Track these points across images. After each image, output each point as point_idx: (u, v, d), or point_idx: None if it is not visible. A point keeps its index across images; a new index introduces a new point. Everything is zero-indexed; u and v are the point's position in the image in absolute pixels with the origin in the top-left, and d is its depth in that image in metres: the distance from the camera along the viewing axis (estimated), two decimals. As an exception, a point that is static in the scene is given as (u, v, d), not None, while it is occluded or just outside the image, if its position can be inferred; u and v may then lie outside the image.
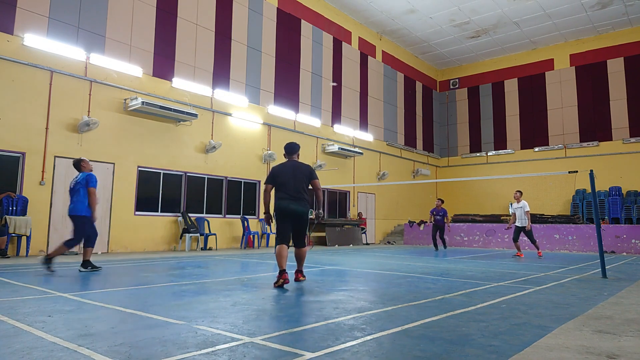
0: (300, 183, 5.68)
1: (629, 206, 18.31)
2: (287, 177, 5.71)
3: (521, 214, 11.44)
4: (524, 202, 11.49)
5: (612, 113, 20.19)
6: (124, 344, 2.80)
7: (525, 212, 11.35)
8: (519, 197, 11.59)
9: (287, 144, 6.06)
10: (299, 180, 5.68)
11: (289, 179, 5.68)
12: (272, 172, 5.86)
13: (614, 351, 2.81)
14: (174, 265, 8.07)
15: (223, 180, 14.10)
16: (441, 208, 14.50)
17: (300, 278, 5.90)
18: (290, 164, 5.86)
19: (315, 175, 5.85)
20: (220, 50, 14.17)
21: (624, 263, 10.31)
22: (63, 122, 10.49)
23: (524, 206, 11.42)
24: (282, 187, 5.70)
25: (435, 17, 19.12)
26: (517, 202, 11.59)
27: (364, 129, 19.89)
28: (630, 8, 18.23)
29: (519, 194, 11.63)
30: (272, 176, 5.83)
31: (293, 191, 5.63)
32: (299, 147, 6.07)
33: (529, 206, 11.58)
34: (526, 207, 11.40)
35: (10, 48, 9.79)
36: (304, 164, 5.90)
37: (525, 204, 11.45)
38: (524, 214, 11.37)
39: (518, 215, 11.53)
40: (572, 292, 5.41)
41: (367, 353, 2.68)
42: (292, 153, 5.98)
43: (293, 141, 6.14)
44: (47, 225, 10.12)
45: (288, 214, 5.65)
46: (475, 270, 7.87)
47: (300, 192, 5.67)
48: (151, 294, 4.78)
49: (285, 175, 5.73)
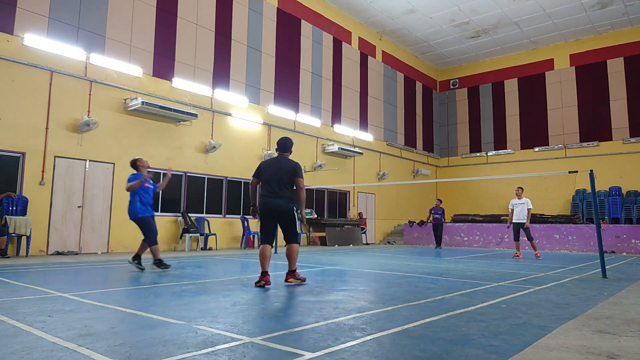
0: (282, 180, 5.53)
1: (629, 206, 18.30)
2: (271, 173, 5.58)
3: (522, 210, 11.27)
4: (527, 199, 11.32)
5: (612, 113, 20.18)
6: (124, 344, 2.80)
7: (527, 210, 11.22)
8: (520, 193, 11.43)
9: (280, 140, 5.85)
10: (281, 178, 5.53)
11: (272, 176, 5.55)
12: (259, 167, 5.76)
13: (614, 351, 2.81)
14: (174, 265, 8.07)
15: (223, 180, 14.10)
16: (439, 207, 15.20)
17: (290, 280, 5.59)
18: (277, 160, 5.72)
19: (300, 174, 5.62)
20: (220, 50, 14.17)
21: (624, 263, 10.30)
22: (63, 122, 10.49)
23: (527, 203, 11.25)
24: (265, 183, 5.60)
25: (435, 17, 19.12)
26: (518, 198, 11.43)
27: (364, 129, 19.89)
28: (630, 8, 18.23)
29: (520, 190, 11.49)
30: (258, 170, 5.75)
31: (274, 188, 5.51)
32: (291, 144, 5.87)
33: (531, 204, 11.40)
34: (529, 204, 11.24)
35: (10, 48, 9.79)
36: (291, 162, 5.72)
37: (528, 201, 11.29)
38: (525, 211, 11.23)
39: (518, 211, 11.32)
40: (572, 292, 5.41)
41: (367, 353, 2.68)
42: (284, 150, 5.82)
43: (287, 137, 5.94)
44: (47, 225, 10.12)
45: (269, 211, 5.56)
46: (475, 270, 7.87)
47: (282, 189, 5.51)
48: (151, 294, 4.78)
49: (270, 171, 5.61)
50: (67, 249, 10.34)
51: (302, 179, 5.67)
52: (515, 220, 11.37)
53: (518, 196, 11.47)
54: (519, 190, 11.54)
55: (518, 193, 11.50)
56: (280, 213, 5.56)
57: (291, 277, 5.58)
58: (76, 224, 10.61)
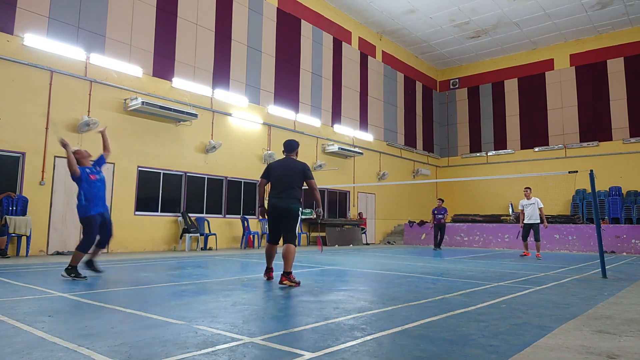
0: (291, 181, 5.65)
1: (629, 206, 18.30)
2: (280, 174, 5.70)
3: (533, 210, 11.19)
4: (537, 199, 11.26)
5: (612, 113, 20.18)
6: (124, 344, 2.80)
7: (539, 209, 11.15)
8: (529, 193, 11.36)
9: (286, 141, 6.05)
10: (290, 179, 5.65)
11: (282, 177, 5.67)
12: (268, 168, 5.89)
13: (614, 351, 2.81)
14: (174, 265, 8.07)
15: (223, 180, 14.09)
16: (442, 207, 14.87)
17: (284, 282, 5.37)
18: (286, 162, 5.84)
19: (310, 175, 5.76)
20: (220, 50, 14.17)
21: (624, 263, 10.30)
22: (63, 122, 10.49)
23: (537, 202, 11.19)
24: (275, 184, 5.72)
25: (435, 17, 19.12)
26: (527, 198, 11.37)
27: (364, 129, 19.89)
28: (630, 8, 18.23)
29: (529, 190, 11.41)
30: (267, 171, 5.86)
31: (283, 188, 5.62)
32: (297, 145, 6.02)
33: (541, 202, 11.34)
34: (539, 203, 11.19)
35: (10, 48, 9.79)
36: (300, 163, 5.84)
37: (538, 201, 11.24)
38: (537, 211, 11.15)
39: (528, 212, 11.25)
40: (572, 292, 5.41)
41: (367, 353, 2.68)
42: (291, 151, 5.94)
43: (293, 139, 6.11)
44: (47, 225, 10.12)
45: (275, 210, 5.66)
46: (475, 270, 7.87)
47: (291, 190, 5.63)
48: (151, 294, 4.78)
49: (279, 172, 5.73)
50: (67, 249, 10.34)
51: (314, 180, 5.83)
52: (527, 221, 11.29)
53: (527, 196, 11.39)
54: (527, 190, 11.43)
55: (527, 193, 11.41)
56: (286, 212, 5.64)
57: (286, 279, 5.43)
58: (76, 224, 10.57)
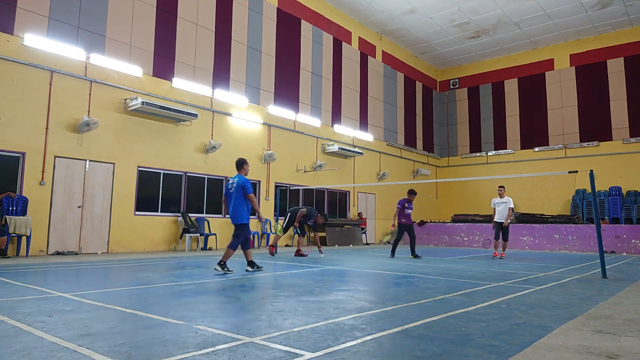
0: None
1: (629, 206, 18.30)
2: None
3: (504, 209, 11.36)
4: (509, 198, 11.44)
5: (612, 113, 20.18)
6: (124, 344, 2.80)
7: (509, 208, 11.31)
8: (502, 192, 11.54)
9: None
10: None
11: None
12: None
13: (614, 351, 2.81)
14: (174, 265, 8.07)
15: (223, 180, 14.09)
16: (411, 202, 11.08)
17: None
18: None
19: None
20: (220, 50, 14.17)
21: (624, 263, 10.30)
22: (63, 122, 10.49)
23: (509, 202, 11.37)
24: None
25: (435, 17, 19.12)
26: (500, 197, 11.53)
27: (364, 129, 19.89)
28: (630, 8, 18.23)
29: (502, 189, 11.58)
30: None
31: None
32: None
33: (513, 202, 11.54)
34: (510, 203, 11.38)
35: (10, 48, 9.79)
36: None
37: (510, 200, 11.42)
38: (506, 210, 11.30)
39: (500, 210, 11.43)
40: (572, 292, 5.41)
41: (367, 353, 2.68)
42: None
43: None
44: (47, 225, 10.11)
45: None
46: (475, 270, 7.87)
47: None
48: (151, 294, 4.78)
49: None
50: (67, 249, 10.34)
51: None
52: (497, 220, 11.45)
53: (500, 195, 11.56)
54: (501, 189, 11.61)
55: (500, 192, 11.58)
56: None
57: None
58: (76, 224, 10.61)
